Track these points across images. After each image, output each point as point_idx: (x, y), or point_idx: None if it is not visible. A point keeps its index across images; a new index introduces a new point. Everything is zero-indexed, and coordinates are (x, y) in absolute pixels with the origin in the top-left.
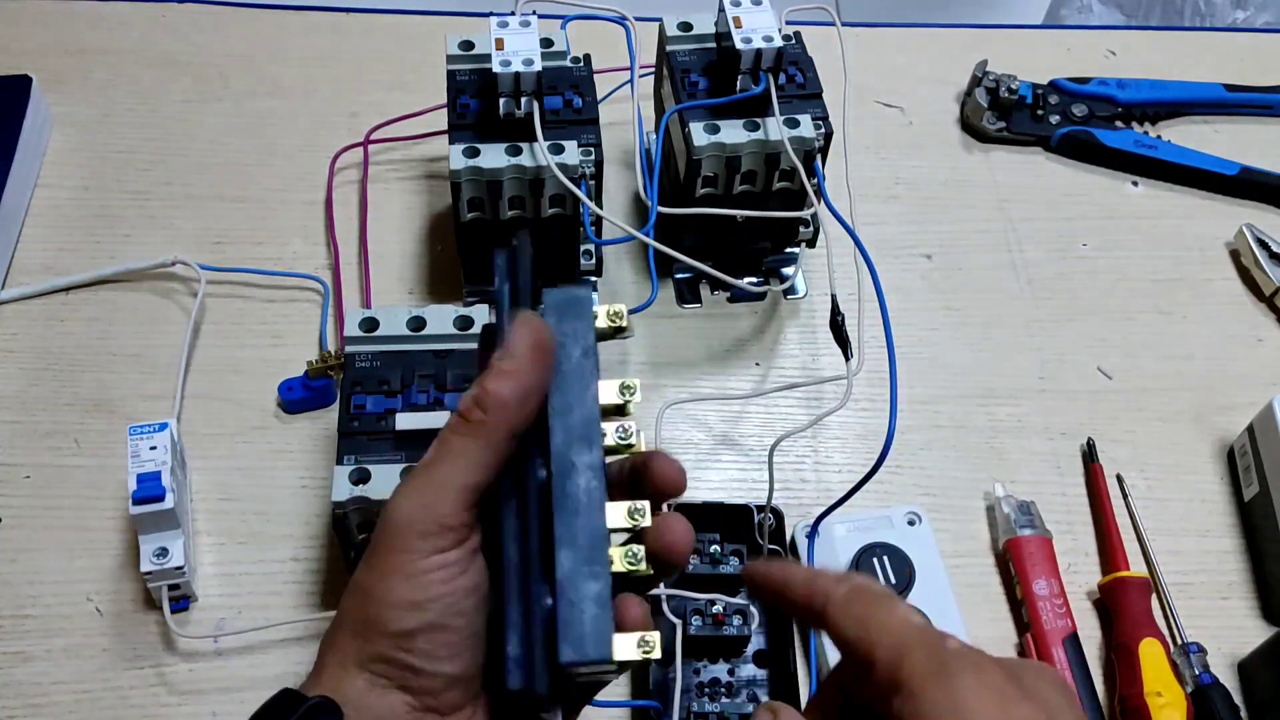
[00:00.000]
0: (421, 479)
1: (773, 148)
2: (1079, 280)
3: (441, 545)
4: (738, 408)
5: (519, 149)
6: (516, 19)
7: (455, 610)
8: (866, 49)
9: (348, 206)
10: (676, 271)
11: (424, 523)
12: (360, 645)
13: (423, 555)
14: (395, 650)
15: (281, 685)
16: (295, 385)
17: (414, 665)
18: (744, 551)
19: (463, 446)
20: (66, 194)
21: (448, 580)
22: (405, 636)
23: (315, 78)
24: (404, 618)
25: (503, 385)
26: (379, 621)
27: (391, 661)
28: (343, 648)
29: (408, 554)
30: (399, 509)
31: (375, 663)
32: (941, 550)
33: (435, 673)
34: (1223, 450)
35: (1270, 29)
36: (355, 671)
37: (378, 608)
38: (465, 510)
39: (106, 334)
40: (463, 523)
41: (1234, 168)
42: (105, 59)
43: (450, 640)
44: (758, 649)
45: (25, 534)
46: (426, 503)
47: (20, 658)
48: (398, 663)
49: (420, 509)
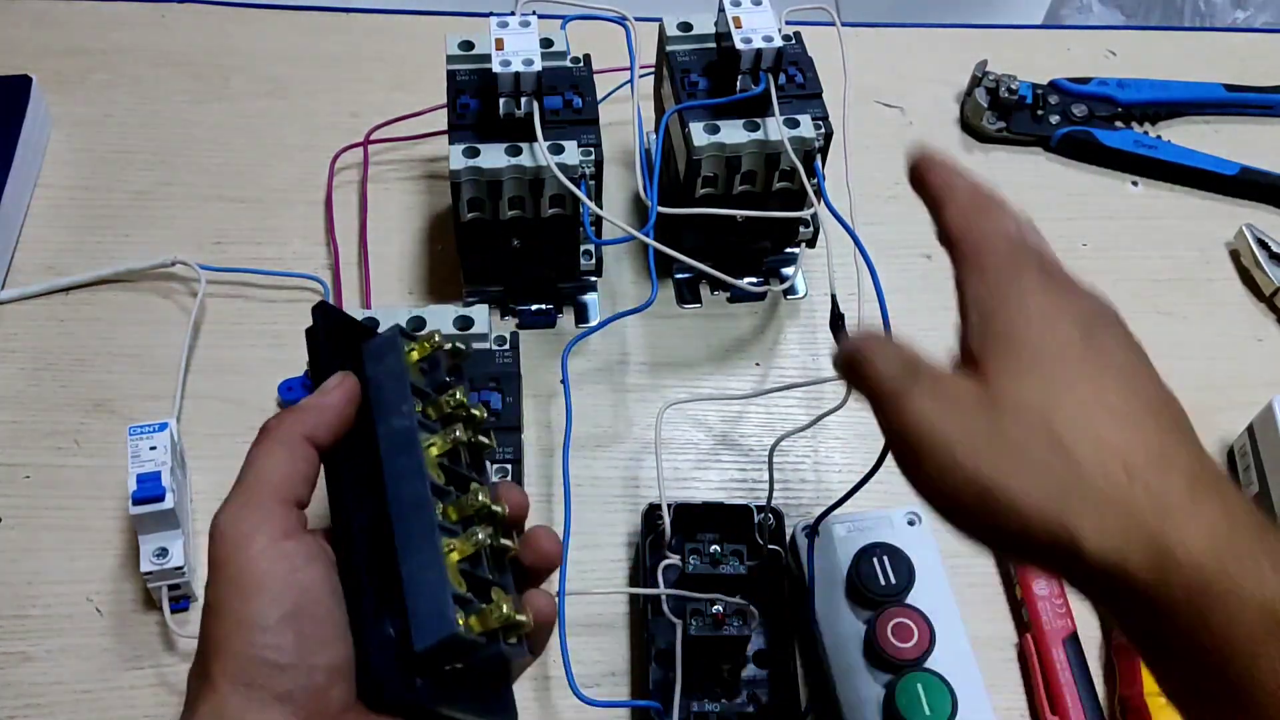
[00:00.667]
0: (234, 490)
1: (773, 148)
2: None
3: (271, 538)
4: (738, 408)
5: (519, 149)
6: (516, 19)
7: (312, 598)
8: (866, 49)
9: (348, 206)
10: (676, 271)
11: (247, 522)
12: (226, 661)
13: (258, 552)
14: (263, 650)
15: None
16: (295, 385)
17: (284, 662)
18: (744, 552)
19: (262, 451)
20: (66, 194)
21: (292, 571)
22: (267, 631)
23: (315, 78)
24: (264, 613)
25: (291, 408)
26: (239, 626)
27: (261, 664)
28: (209, 671)
29: (244, 554)
30: (221, 521)
31: (246, 672)
32: (941, 550)
33: (310, 665)
34: (1223, 450)
35: (1270, 29)
36: (228, 690)
37: (233, 614)
38: (280, 504)
39: (106, 334)
40: (283, 517)
41: (1234, 168)
42: (105, 59)
43: (314, 631)
44: (758, 649)
45: (25, 534)
46: (244, 503)
47: (20, 658)
48: (268, 663)
49: (239, 510)
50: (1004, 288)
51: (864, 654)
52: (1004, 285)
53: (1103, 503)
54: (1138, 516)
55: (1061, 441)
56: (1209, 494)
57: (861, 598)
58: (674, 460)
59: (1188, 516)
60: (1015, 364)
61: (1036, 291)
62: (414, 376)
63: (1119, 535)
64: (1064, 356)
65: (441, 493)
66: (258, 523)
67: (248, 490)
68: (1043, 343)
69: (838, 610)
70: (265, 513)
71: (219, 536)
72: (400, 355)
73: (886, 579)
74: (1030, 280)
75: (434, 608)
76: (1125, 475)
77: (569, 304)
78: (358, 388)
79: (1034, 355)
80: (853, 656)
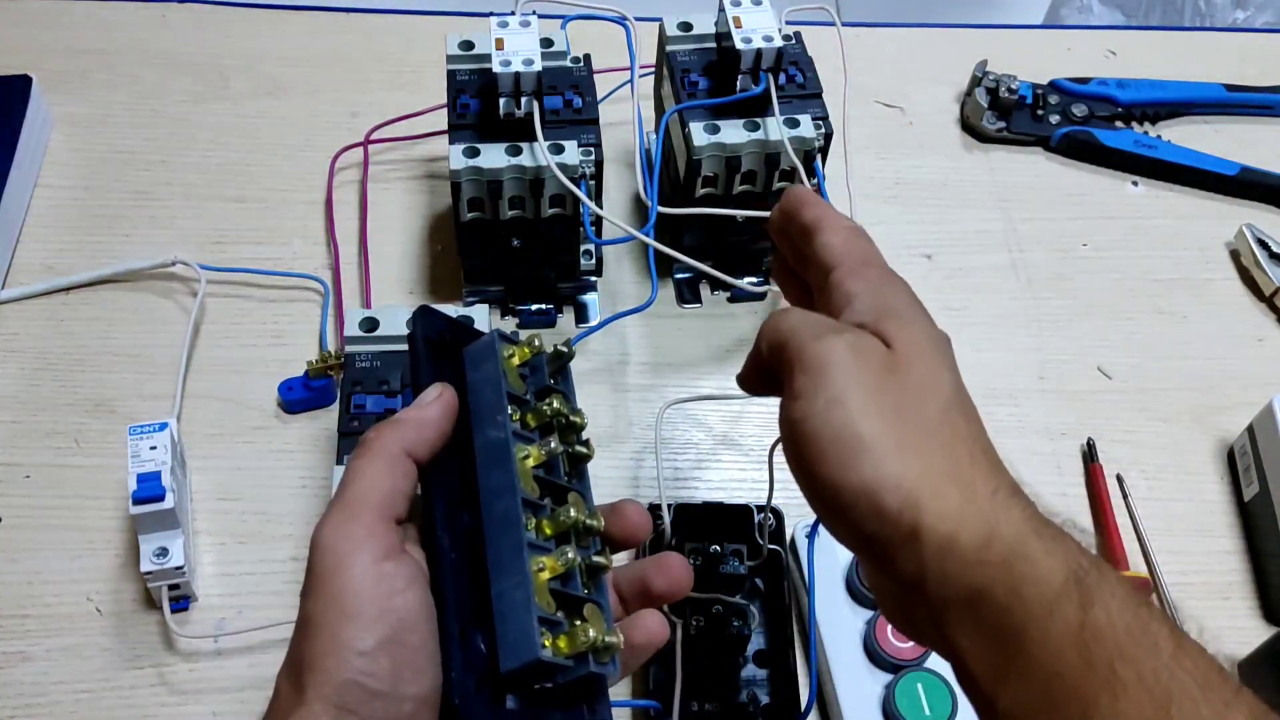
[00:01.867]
0: (336, 503)
1: (773, 148)
2: (1079, 280)
3: (374, 558)
4: (738, 408)
5: (519, 149)
6: (516, 19)
7: (408, 626)
8: (866, 49)
9: (348, 206)
10: (676, 271)
11: (349, 539)
12: (320, 680)
13: (360, 572)
14: (359, 675)
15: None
16: (295, 385)
17: (377, 689)
18: (744, 551)
19: (362, 465)
20: (66, 194)
21: (391, 595)
22: (365, 657)
23: (315, 78)
24: (361, 638)
25: (390, 420)
26: (335, 645)
27: (355, 689)
28: (303, 684)
29: (346, 573)
30: (323, 535)
31: (339, 693)
32: None
33: (401, 695)
34: (1223, 450)
35: (1270, 29)
36: (320, 709)
37: (331, 633)
38: (380, 522)
39: (106, 334)
40: (383, 535)
41: (1234, 168)
42: (105, 59)
43: (409, 659)
44: (758, 649)
45: (25, 534)
46: (346, 518)
47: (20, 658)
48: (363, 689)
49: (343, 526)
50: (891, 284)
51: (864, 654)
52: (890, 282)
53: (951, 481)
54: (976, 499)
55: (946, 415)
56: (1017, 489)
57: (862, 597)
58: (674, 460)
59: (1010, 500)
60: (914, 331)
61: (911, 294)
62: (513, 383)
63: (956, 513)
64: (941, 345)
65: (535, 507)
66: (360, 540)
67: (349, 505)
68: (926, 325)
69: (838, 610)
70: (367, 530)
71: (322, 550)
72: (497, 362)
73: None
74: (905, 288)
75: (520, 630)
76: (969, 460)
77: (569, 304)
78: (455, 401)
79: (925, 330)
80: (853, 656)
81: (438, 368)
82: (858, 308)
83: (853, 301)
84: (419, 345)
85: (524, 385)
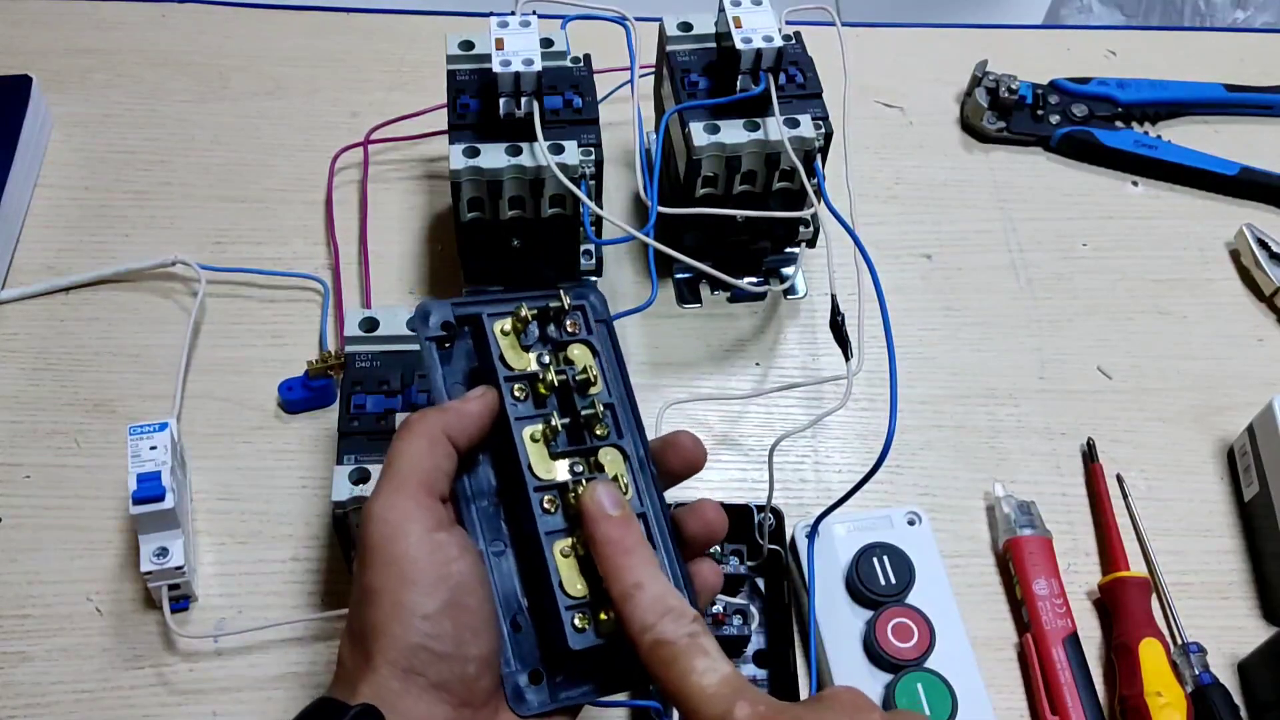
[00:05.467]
0: (384, 480)
1: (773, 148)
2: (1079, 280)
3: (426, 528)
4: (738, 408)
5: (519, 149)
6: (516, 19)
7: (466, 590)
8: (866, 49)
9: (348, 206)
10: (676, 271)
11: (399, 510)
12: (386, 644)
13: (416, 541)
14: (424, 638)
15: (282, 685)
16: (295, 385)
17: (442, 651)
18: (744, 551)
19: (405, 443)
20: (66, 194)
21: (447, 562)
22: (429, 620)
23: (315, 78)
24: (423, 602)
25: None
26: (399, 610)
27: (421, 651)
28: (369, 650)
29: (402, 542)
30: (375, 508)
31: (406, 657)
32: (941, 550)
33: (465, 656)
34: (1223, 450)
35: (1270, 29)
36: (388, 673)
37: (393, 599)
38: (428, 496)
39: (106, 334)
40: (431, 508)
41: (1234, 168)
42: (105, 59)
43: (469, 621)
44: (758, 649)
45: (25, 534)
46: (395, 490)
47: (20, 658)
48: (428, 651)
49: (392, 498)
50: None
51: (864, 654)
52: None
53: None
54: None
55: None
56: None
57: (861, 597)
58: None
59: None
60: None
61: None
62: (512, 359)
63: None
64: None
65: (555, 488)
66: (410, 511)
67: (397, 478)
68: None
69: (838, 610)
70: (416, 503)
71: (375, 521)
72: (492, 340)
73: (886, 579)
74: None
75: (556, 622)
76: None
77: None
78: (497, 404)
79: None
80: (853, 656)
81: (449, 366)
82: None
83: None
84: (429, 350)
85: (527, 358)
